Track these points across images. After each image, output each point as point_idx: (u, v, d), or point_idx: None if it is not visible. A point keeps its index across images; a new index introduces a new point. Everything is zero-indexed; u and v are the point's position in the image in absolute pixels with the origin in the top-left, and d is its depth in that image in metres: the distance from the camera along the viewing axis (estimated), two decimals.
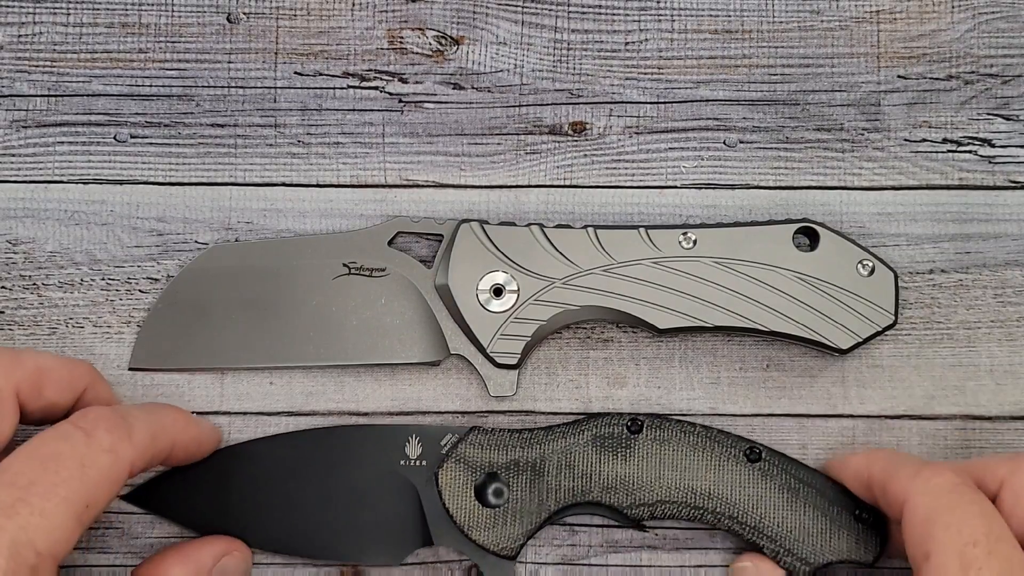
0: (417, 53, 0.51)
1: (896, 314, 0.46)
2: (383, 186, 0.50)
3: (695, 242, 0.47)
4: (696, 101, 0.50)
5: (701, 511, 0.45)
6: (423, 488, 0.46)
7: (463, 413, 0.48)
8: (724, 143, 0.50)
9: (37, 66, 0.50)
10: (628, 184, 0.50)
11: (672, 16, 0.51)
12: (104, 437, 0.39)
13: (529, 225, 0.47)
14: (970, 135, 0.50)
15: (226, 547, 0.45)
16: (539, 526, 0.45)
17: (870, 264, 0.47)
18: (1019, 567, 0.37)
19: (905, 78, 0.50)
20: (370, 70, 0.51)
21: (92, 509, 0.38)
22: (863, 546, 0.45)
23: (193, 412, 0.48)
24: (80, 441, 0.39)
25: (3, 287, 0.49)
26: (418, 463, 0.46)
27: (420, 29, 0.51)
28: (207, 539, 0.45)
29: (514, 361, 0.47)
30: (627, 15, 0.51)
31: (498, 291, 0.47)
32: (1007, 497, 0.40)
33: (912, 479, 0.40)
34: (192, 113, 0.50)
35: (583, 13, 0.51)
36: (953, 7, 0.51)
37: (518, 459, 0.46)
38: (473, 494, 0.45)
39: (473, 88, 0.50)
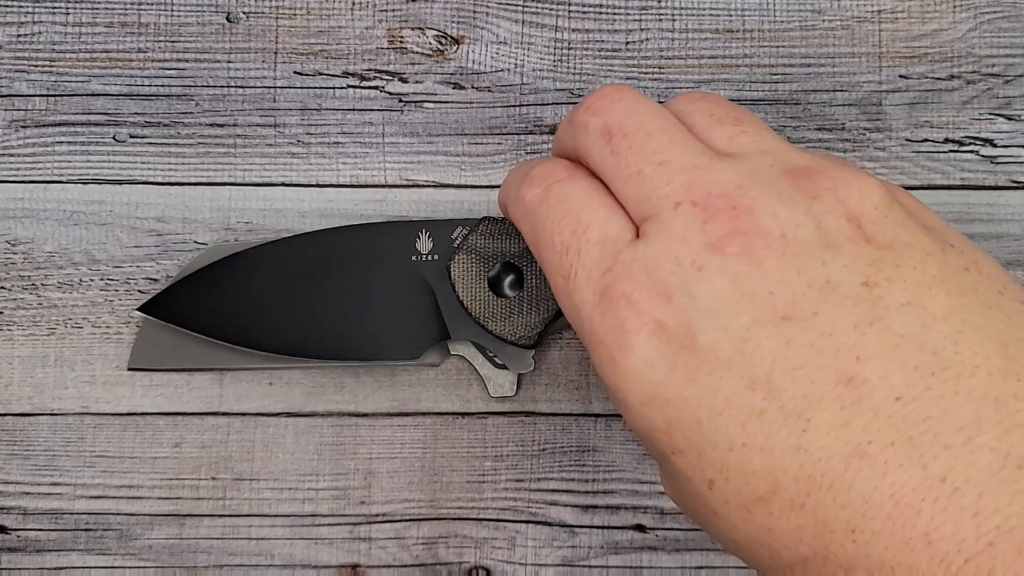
0: (417, 53, 0.51)
1: None
2: (383, 186, 0.50)
3: None
4: None
5: None
6: (436, 282, 0.45)
7: (463, 414, 0.48)
8: None
9: (36, 66, 0.50)
10: None
11: (673, 15, 0.51)
12: None
13: None
14: (972, 135, 0.50)
15: None
16: (556, 314, 0.44)
17: None
18: (605, 259, 0.33)
19: (907, 78, 0.50)
20: (370, 70, 0.51)
21: None
22: None
23: (192, 413, 0.48)
24: None
25: (2, 287, 0.49)
26: (430, 257, 0.46)
27: (420, 28, 0.51)
28: None
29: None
30: (628, 14, 0.51)
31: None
32: None
33: (514, 207, 0.36)
34: (191, 113, 0.50)
35: (584, 12, 0.51)
36: (955, 7, 0.51)
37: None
38: (487, 285, 0.45)
39: (473, 88, 0.50)
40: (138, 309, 0.46)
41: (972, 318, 0.30)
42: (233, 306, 0.45)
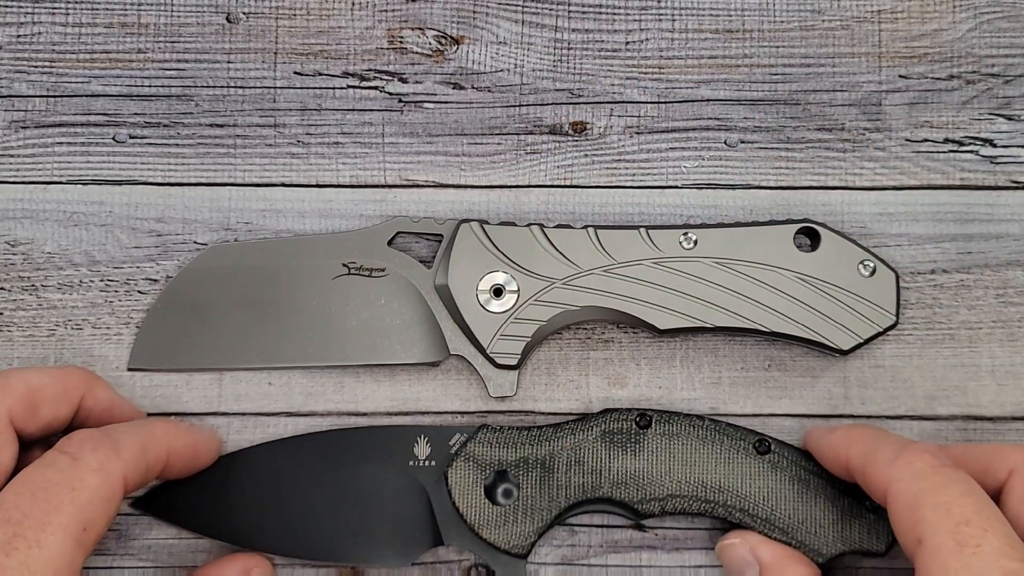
0: (417, 53, 0.51)
1: (897, 314, 0.46)
2: (383, 186, 0.50)
3: (696, 242, 0.47)
4: (697, 101, 0.50)
5: (712, 504, 0.45)
6: (432, 488, 0.46)
7: (463, 413, 0.48)
8: (725, 143, 0.50)
9: (36, 66, 0.50)
10: (629, 184, 0.50)
11: (673, 15, 0.51)
12: (90, 457, 0.39)
13: (529, 225, 0.47)
14: (972, 135, 0.50)
15: (247, 562, 0.45)
16: (550, 524, 0.45)
17: (871, 264, 0.46)
18: (1017, 542, 0.37)
19: (906, 78, 0.50)
20: (370, 70, 0.51)
21: (91, 531, 0.38)
22: (875, 535, 0.44)
23: (191, 413, 0.48)
24: (67, 465, 0.39)
25: (2, 288, 0.49)
26: (427, 463, 0.46)
27: (420, 29, 0.51)
28: (229, 557, 0.45)
29: (514, 362, 0.47)
30: (628, 14, 0.51)
31: (498, 291, 0.47)
32: (1017, 486, 0.40)
33: (891, 466, 0.40)
34: (191, 113, 0.50)
35: (584, 12, 0.51)
36: (955, 7, 0.51)
37: (527, 456, 0.45)
38: (483, 493, 0.45)
39: (473, 88, 0.50)
40: (132, 504, 0.46)
41: None
42: (227, 506, 0.46)
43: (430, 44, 0.51)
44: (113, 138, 0.50)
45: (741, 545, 0.44)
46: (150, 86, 0.50)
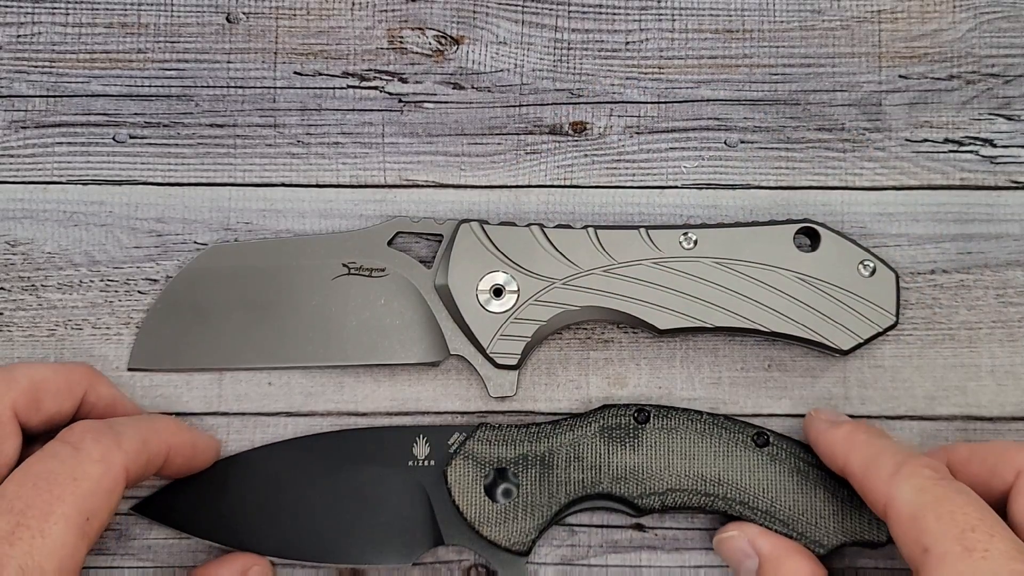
0: (417, 53, 0.51)
1: (897, 315, 0.46)
2: (383, 186, 0.50)
3: (696, 242, 0.47)
4: (697, 101, 0.50)
5: (712, 498, 0.45)
6: (432, 487, 0.46)
7: (463, 413, 0.48)
8: (725, 143, 0.50)
9: (36, 66, 0.50)
10: (628, 184, 0.50)
11: (673, 16, 0.51)
12: (92, 448, 0.39)
13: (529, 225, 0.47)
14: (972, 135, 0.50)
15: (246, 562, 0.45)
16: (550, 520, 0.45)
17: (871, 264, 0.46)
18: (1022, 547, 0.37)
19: (906, 78, 0.50)
20: (370, 70, 0.51)
21: (94, 521, 0.38)
22: (875, 526, 0.44)
23: (191, 413, 0.48)
24: (69, 456, 0.39)
25: (2, 288, 0.49)
26: (426, 463, 0.46)
27: (420, 29, 0.51)
28: (228, 557, 0.45)
29: (514, 362, 0.47)
30: (628, 15, 0.51)
31: (498, 291, 0.47)
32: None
33: (891, 480, 0.40)
34: (191, 113, 0.50)
35: (584, 13, 0.51)
36: (955, 7, 0.51)
37: (526, 453, 0.45)
38: (483, 490, 0.45)
39: (473, 88, 0.50)
40: (132, 509, 0.46)
41: None
42: (227, 509, 0.46)
43: (430, 44, 0.51)
44: (113, 138, 0.50)
45: (739, 537, 0.44)
46: (150, 86, 0.50)
